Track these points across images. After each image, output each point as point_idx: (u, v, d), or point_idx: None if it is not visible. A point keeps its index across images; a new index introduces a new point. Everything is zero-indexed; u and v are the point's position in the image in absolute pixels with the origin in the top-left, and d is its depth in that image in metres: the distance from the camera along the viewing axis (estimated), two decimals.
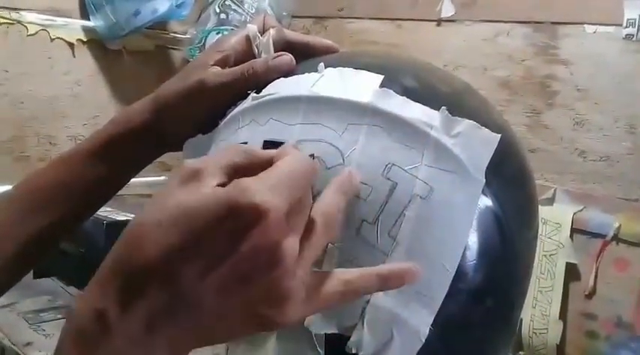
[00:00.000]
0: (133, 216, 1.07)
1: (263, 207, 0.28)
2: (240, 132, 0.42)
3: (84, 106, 1.25)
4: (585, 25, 0.97)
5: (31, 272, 0.97)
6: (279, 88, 0.43)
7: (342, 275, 0.33)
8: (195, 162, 0.31)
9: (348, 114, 0.39)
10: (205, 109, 0.47)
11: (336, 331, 0.36)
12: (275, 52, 0.47)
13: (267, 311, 0.30)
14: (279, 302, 0.30)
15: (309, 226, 0.31)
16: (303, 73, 0.43)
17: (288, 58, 0.46)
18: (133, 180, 0.53)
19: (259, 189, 0.28)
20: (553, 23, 1.00)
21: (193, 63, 0.49)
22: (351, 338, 0.35)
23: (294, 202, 0.30)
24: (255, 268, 0.29)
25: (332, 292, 0.32)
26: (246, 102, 0.44)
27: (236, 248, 0.28)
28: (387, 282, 0.34)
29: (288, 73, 0.45)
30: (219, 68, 0.46)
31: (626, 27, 0.92)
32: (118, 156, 0.50)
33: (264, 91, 0.43)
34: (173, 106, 0.48)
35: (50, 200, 0.50)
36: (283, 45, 0.48)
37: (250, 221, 0.28)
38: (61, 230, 0.51)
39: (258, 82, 0.45)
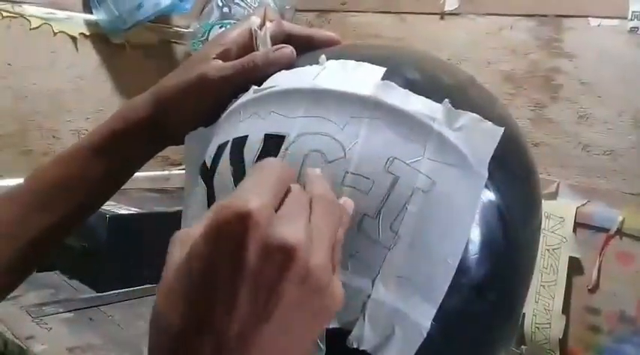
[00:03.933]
0: (135, 210, 1.07)
1: (290, 245, 0.28)
2: (241, 125, 0.42)
3: (87, 100, 1.24)
4: (590, 18, 0.96)
5: None
6: (281, 80, 0.43)
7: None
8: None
9: (349, 107, 0.38)
10: (206, 102, 0.46)
11: (337, 325, 0.35)
12: (276, 44, 0.47)
13: (323, 316, 0.31)
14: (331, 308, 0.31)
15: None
16: (305, 66, 0.43)
17: (288, 50, 0.45)
18: (136, 174, 0.53)
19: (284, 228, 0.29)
20: (557, 16, 0.99)
21: (194, 56, 0.49)
22: (352, 333, 0.35)
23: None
24: (304, 295, 0.29)
25: None
26: (248, 95, 0.43)
27: (280, 284, 0.28)
28: None
29: (289, 65, 0.45)
30: (220, 61, 0.46)
31: (631, 20, 0.91)
32: (121, 150, 0.50)
33: (266, 84, 0.43)
34: (174, 100, 0.48)
35: (53, 198, 0.50)
36: (284, 38, 0.48)
37: (283, 259, 0.28)
38: (64, 228, 0.51)
39: (259, 74, 0.44)
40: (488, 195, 0.38)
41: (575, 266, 0.94)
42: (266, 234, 0.28)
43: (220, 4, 1.27)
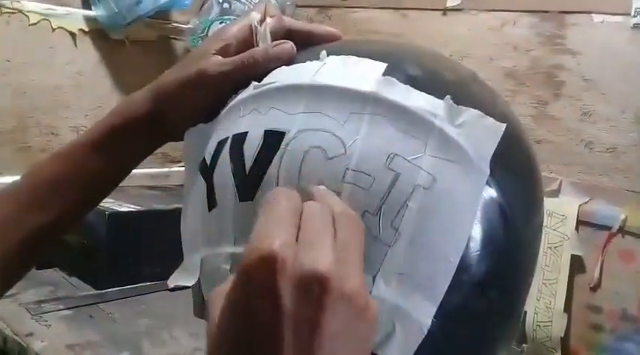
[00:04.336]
0: (135, 207, 1.07)
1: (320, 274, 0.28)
2: (241, 122, 0.42)
3: (86, 96, 1.24)
4: (593, 15, 0.96)
5: None
6: (281, 76, 0.43)
7: None
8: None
9: (350, 103, 0.38)
10: (206, 98, 0.46)
11: None
12: (276, 40, 0.46)
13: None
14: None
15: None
16: (305, 62, 0.43)
17: (288, 46, 0.45)
18: (136, 171, 0.53)
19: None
20: (560, 12, 0.99)
21: (194, 52, 0.49)
22: None
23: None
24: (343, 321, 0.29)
25: None
26: (247, 91, 0.43)
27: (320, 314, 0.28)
28: None
29: (289, 61, 0.44)
30: (220, 57, 0.46)
31: (635, 16, 0.91)
32: (120, 147, 0.50)
33: (266, 80, 0.43)
34: (174, 96, 0.47)
35: (52, 195, 0.50)
36: (284, 33, 0.47)
37: (318, 290, 0.28)
38: (63, 224, 0.51)
39: (259, 70, 0.44)
40: (490, 192, 0.38)
41: (577, 265, 0.94)
42: (294, 269, 0.28)
43: (220, 0, 1.26)
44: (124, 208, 1.04)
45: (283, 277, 0.27)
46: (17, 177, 0.51)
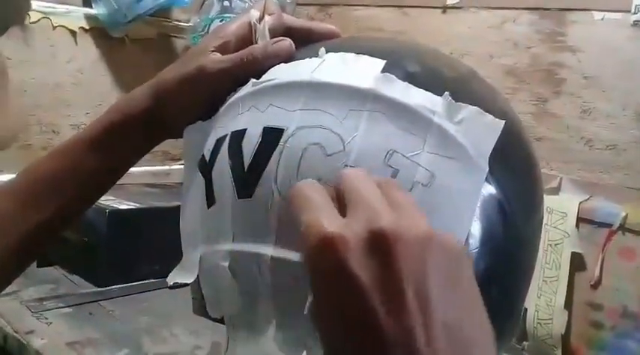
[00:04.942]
0: (135, 205, 1.06)
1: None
2: (240, 119, 0.42)
3: (87, 94, 1.24)
4: (593, 12, 0.95)
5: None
6: (280, 73, 0.43)
7: None
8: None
9: (349, 100, 0.38)
10: (205, 96, 0.46)
11: None
12: (275, 38, 0.46)
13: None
14: None
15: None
16: (304, 58, 0.43)
17: (287, 43, 0.45)
18: (137, 169, 0.53)
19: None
20: (560, 10, 0.99)
21: (193, 49, 0.49)
22: None
23: None
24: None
25: None
26: (246, 89, 0.43)
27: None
28: None
29: (288, 58, 0.44)
30: (218, 54, 0.46)
31: (635, 13, 0.90)
32: (119, 143, 0.50)
33: (264, 77, 0.43)
34: (173, 93, 0.47)
35: (50, 192, 0.50)
36: (284, 31, 0.47)
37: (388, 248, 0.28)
38: (61, 221, 0.51)
39: (258, 67, 0.44)
40: (489, 189, 0.37)
41: (577, 262, 0.94)
42: (356, 239, 0.28)
43: None
44: (125, 206, 1.04)
45: (350, 251, 0.27)
46: None
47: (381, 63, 0.40)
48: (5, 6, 0.44)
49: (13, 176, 0.52)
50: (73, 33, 1.20)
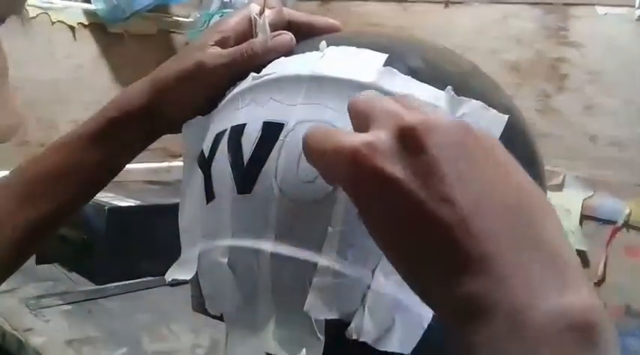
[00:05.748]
0: (135, 202, 1.06)
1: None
2: (240, 113, 0.41)
3: (85, 90, 1.23)
4: (597, 7, 0.95)
5: (34, 258, 0.97)
6: (280, 67, 0.42)
7: None
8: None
9: (350, 94, 0.37)
10: (204, 90, 0.46)
11: (336, 317, 0.35)
12: (276, 31, 0.46)
13: None
14: None
15: None
16: (305, 52, 0.42)
17: (287, 37, 0.44)
18: (136, 165, 0.52)
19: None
20: (564, 5, 0.98)
21: (193, 44, 0.48)
22: (352, 324, 0.35)
23: None
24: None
25: None
26: (246, 83, 0.43)
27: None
28: None
29: (288, 52, 0.44)
30: (218, 49, 0.45)
31: (639, 8, 0.90)
32: (117, 138, 0.49)
33: (265, 71, 0.42)
34: (172, 88, 0.47)
35: (49, 187, 0.49)
36: (284, 25, 0.47)
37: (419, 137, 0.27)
38: (59, 217, 0.51)
39: (258, 62, 0.43)
40: None
41: (581, 259, 0.93)
42: (384, 141, 0.27)
43: None
44: (124, 203, 1.03)
45: (382, 156, 0.26)
46: None
47: (382, 57, 0.39)
48: None
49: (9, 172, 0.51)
50: (71, 28, 1.20)
